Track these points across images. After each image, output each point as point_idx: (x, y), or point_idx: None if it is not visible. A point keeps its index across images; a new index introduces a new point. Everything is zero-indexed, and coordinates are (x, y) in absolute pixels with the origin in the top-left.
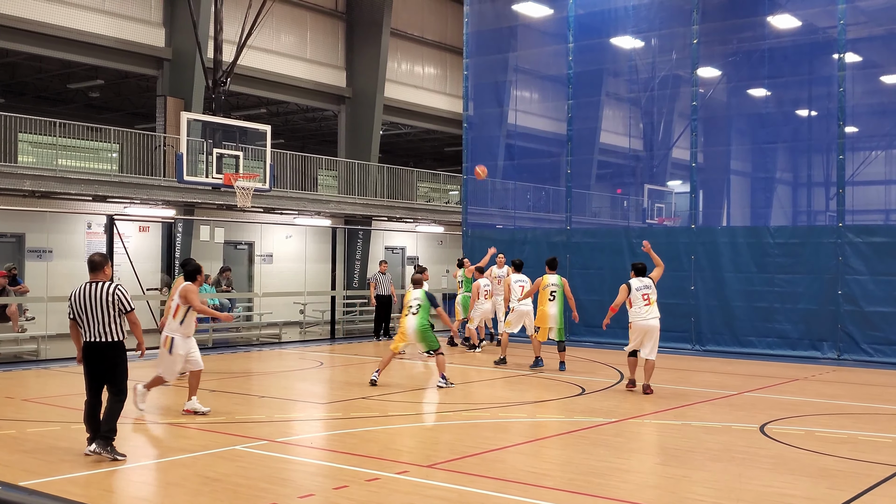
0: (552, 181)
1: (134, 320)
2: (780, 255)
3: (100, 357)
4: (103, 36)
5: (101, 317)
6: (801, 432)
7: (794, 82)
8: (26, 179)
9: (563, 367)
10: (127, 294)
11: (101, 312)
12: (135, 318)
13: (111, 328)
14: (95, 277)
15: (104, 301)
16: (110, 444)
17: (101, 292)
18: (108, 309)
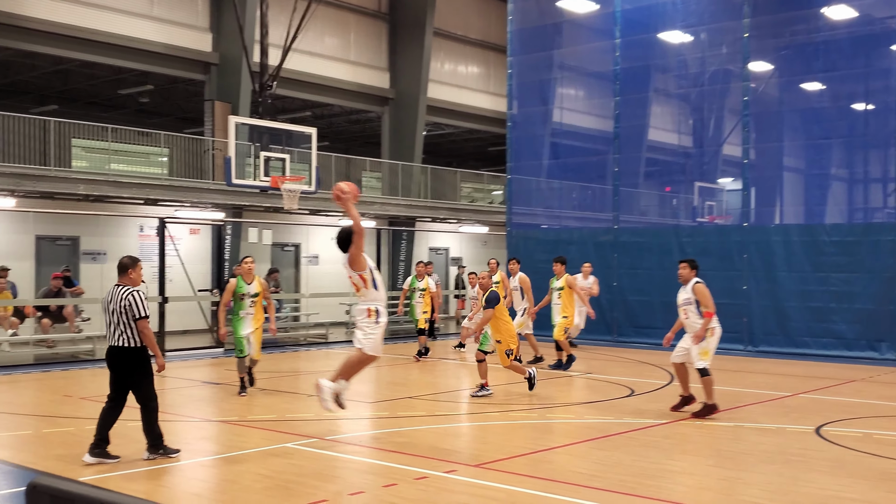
0: (598, 180)
1: (143, 328)
2: (836, 254)
3: (117, 363)
4: (152, 42)
5: (117, 321)
6: (858, 434)
7: (849, 76)
8: (80, 184)
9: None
10: (142, 300)
11: (118, 317)
12: (145, 326)
13: (126, 334)
14: (122, 280)
15: (119, 305)
16: (161, 448)
17: (119, 295)
18: (122, 314)
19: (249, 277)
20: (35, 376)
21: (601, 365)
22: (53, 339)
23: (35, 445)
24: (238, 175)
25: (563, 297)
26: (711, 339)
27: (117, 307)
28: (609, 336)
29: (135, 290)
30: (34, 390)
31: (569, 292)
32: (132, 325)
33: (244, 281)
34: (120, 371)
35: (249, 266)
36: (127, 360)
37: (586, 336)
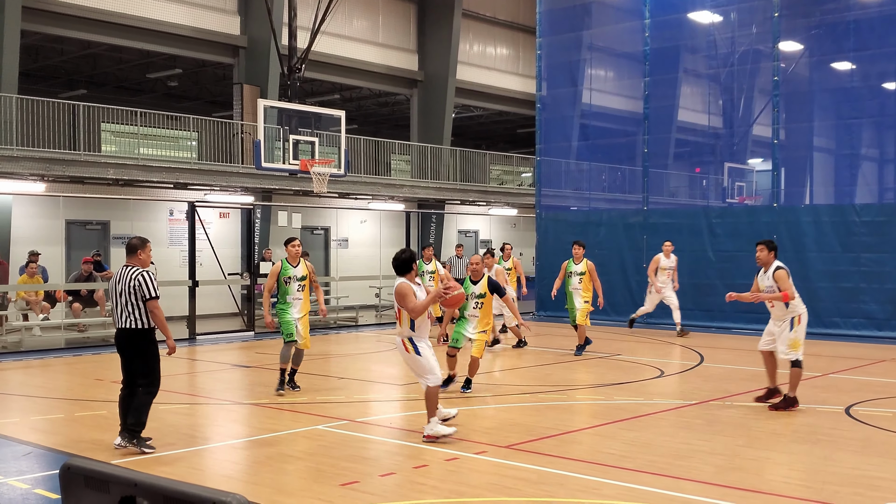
0: (628, 161)
1: (153, 309)
2: (867, 234)
3: (124, 345)
4: (180, 25)
5: (125, 302)
6: (888, 414)
7: (880, 55)
8: (110, 168)
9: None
10: (151, 281)
11: (126, 298)
12: (155, 306)
13: (134, 315)
14: (130, 261)
15: (127, 286)
16: (136, 437)
17: (126, 277)
18: (130, 295)
19: (295, 261)
20: (66, 360)
21: (630, 346)
22: (84, 323)
23: (68, 429)
24: (267, 158)
25: (584, 281)
26: (799, 328)
27: (125, 288)
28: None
29: (144, 270)
30: (66, 374)
31: (589, 277)
32: (140, 307)
33: (290, 264)
34: (127, 353)
35: (297, 249)
36: (133, 342)
37: (615, 318)
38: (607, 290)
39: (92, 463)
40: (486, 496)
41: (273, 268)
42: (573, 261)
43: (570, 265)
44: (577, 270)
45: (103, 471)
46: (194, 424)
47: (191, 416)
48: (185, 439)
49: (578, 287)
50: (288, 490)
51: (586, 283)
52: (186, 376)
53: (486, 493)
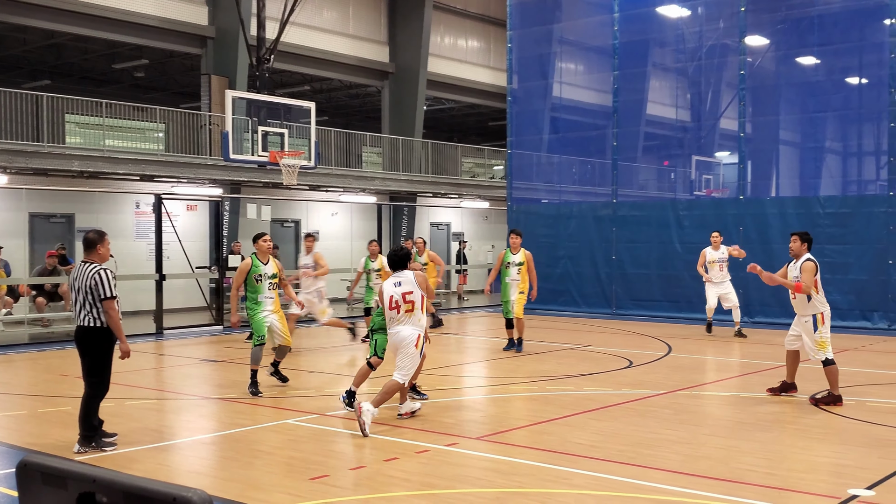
0: (598, 154)
1: (108, 309)
2: (830, 226)
3: (79, 342)
4: (147, 15)
5: (82, 300)
6: (852, 402)
7: (844, 49)
8: (74, 160)
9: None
10: (108, 280)
11: (84, 296)
12: (110, 307)
13: (92, 314)
14: (88, 257)
15: (85, 284)
16: (94, 440)
17: (84, 273)
18: (87, 293)
19: (266, 257)
20: (30, 356)
21: (600, 337)
22: (49, 318)
23: (31, 425)
24: (236, 150)
25: (521, 272)
26: (824, 328)
27: (83, 286)
28: (608, 309)
29: (101, 268)
30: (29, 370)
31: (526, 268)
32: (97, 306)
33: (260, 261)
34: (80, 351)
35: (268, 244)
36: (86, 341)
37: (586, 309)
38: (579, 283)
39: (49, 459)
40: (456, 488)
41: (243, 264)
42: (510, 251)
43: (508, 255)
44: (515, 261)
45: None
46: (162, 420)
47: (158, 411)
48: (152, 435)
49: (516, 278)
50: (257, 485)
51: (523, 275)
52: (154, 371)
53: (457, 484)
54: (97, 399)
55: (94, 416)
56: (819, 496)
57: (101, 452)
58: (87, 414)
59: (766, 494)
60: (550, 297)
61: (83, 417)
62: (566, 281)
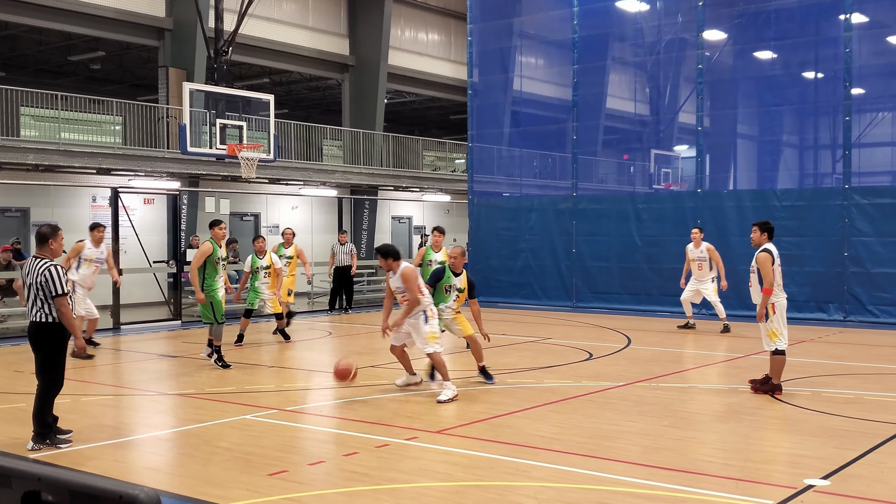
0: (558, 148)
1: (61, 306)
2: (787, 218)
3: (32, 338)
4: (104, 6)
5: (33, 296)
6: (807, 393)
7: (800, 44)
8: (29, 153)
9: None
10: (59, 276)
11: (34, 291)
12: (63, 304)
13: (44, 310)
14: (40, 252)
15: (37, 280)
16: (48, 437)
17: (35, 270)
18: (39, 290)
19: (221, 242)
20: None
21: (560, 330)
22: (3, 313)
23: None
24: (194, 143)
25: None
26: (775, 317)
27: (34, 282)
28: (569, 301)
29: (52, 264)
30: None
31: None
32: (49, 301)
33: (217, 245)
34: (39, 349)
35: (224, 232)
36: (38, 337)
37: (546, 302)
38: (540, 276)
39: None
40: (417, 482)
41: (203, 248)
42: (432, 249)
43: (429, 253)
44: (438, 259)
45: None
46: (119, 416)
47: (115, 407)
48: (108, 432)
49: None
50: (215, 481)
51: None
52: (111, 367)
53: (418, 478)
54: (51, 395)
55: (49, 412)
56: (776, 486)
57: (55, 449)
58: (41, 411)
59: (723, 485)
60: (511, 290)
61: (37, 414)
62: (527, 274)
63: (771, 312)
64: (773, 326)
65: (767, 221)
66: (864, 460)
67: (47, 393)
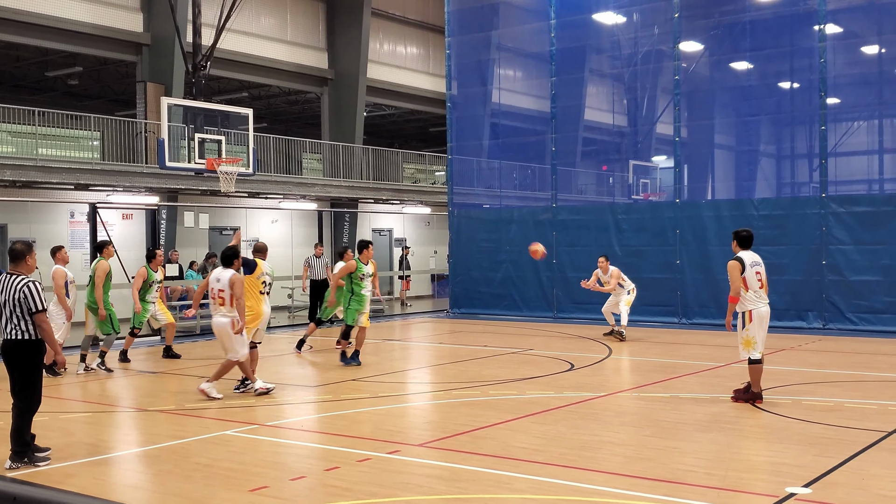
0: (538, 159)
1: (41, 323)
2: (765, 228)
3: (14, 358)
4: (81, 22)
5: (9, 313)
6: (788, 401)
7: (776, 54)
8: (6, 169)
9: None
10: (38, 292)
11: (11, 309)
12: (42, 320)
13: (20, 327)
14: (15, 269)
15: (12, 298)
16: (26, 455)
17: (12, 286)
18: (16, 306)
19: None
20: None
21: (542, 341)
22: None
23: None
24: (172, 158)
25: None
26: (751, 325)
27: (10, 299)
28: (549, 312)
29: (30, 280)
30: None
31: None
32: (27, 318)
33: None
34: (10, 366)
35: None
36: (18, 355)
37: (527, 314)
38: (521, 287)
39: None
40: (399, 496)
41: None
42: (360, 261)
43: (361, 268)
44: (368, 272)
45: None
46: (98, 433)
47: (94, 424)
48: (88, 449)
49: (370, 287)
50: (195, 498)
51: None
52: (90, 383)
53: (399, 492)
54: (29, 413)
55: (27, 431)
56: (758, 495)
57: (33, 468)
58: (19, 429)
59: (705, 495)
60: (492, 302)
61: (14, 433)
62: (508, 285)
63: (747, 321)
64: (748, 335)
65: (740, 230)
66: (845, 468)
67: (25, 411)
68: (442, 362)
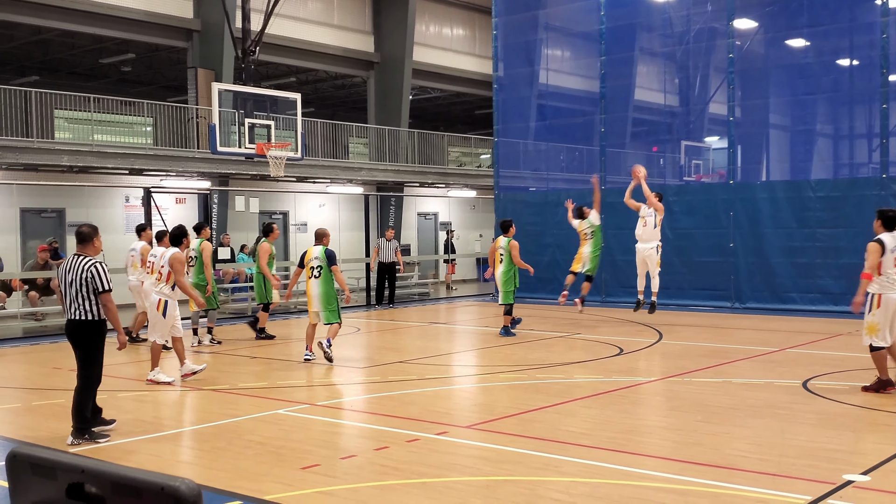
0: (585, 141)
1: (106, 302)
2: (822, 210)
3: (72, 335)
4: (133, 9)
5: (75, 293)
6: (845, 387)
7: (833, 31)
8: (64, 155)
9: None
10: (105, 273)
11: (76, 289)
12: (108, 300)
13: (84, 307)
14: (82, 250)
15: (79, 277)
16: (87, 432)
17: (78, 267)
18: (82, 286)
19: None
20: (23, 349)
21: (590, 325)
22: (41, 311)
23: (25, 418)
24: (223, 143)
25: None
26: (878, 311)
27: (76, 278)
28: (598, 296)
29: (97, 261)
30: (23, 363)
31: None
32: (92, 298)
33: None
34: (74, 345)
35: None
36: (80, 334)
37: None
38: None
39: (38, 450)
40: (447, 476)
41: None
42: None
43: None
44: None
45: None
46: (153, 412)
47: (149, 403)
48: (143, 426)
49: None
50: (248, 475)
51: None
52: (143, 364)
53: (448, 473)
54: (90, 391)
55: (87, 408)
56: (813, 482)
57: (94, 444)
58: (80, 406)
59: (758, 480)
60: (538, 286)
61: (76, 410)
62: (554, 269)
63: (875, 305)
64: (873, 320)
65: (886, 210)
66: None
67: (87, 388)
68: (488, 346)
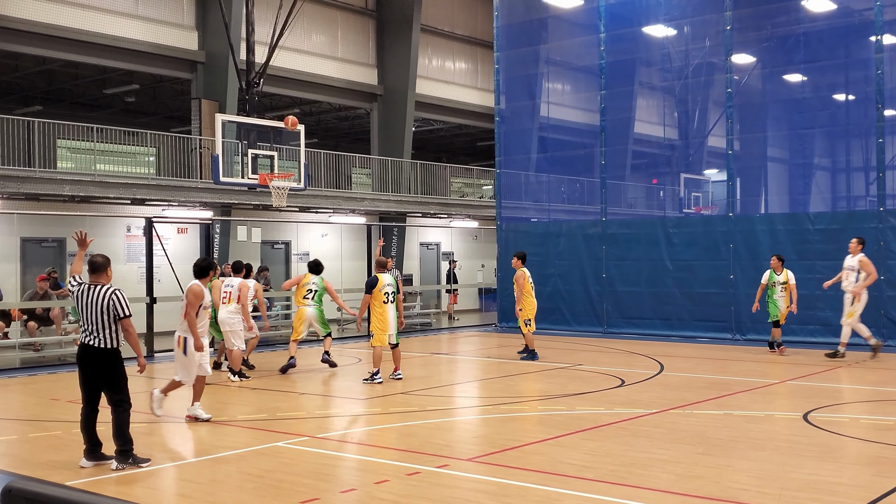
0: (586, 173)
1: (128, 328)
2: (821, 242)
3: (92, 363)
4: (137, 41)
5: (95, 320)
6: (845, 420)
7: (830, 66)
8: (66, 185)
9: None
10: (124, 299)
11: (97, 316)
12: (129, 325)
13: (103, 334)
14: (96, 280)
15: (101, 304)
16: (130, 457)
17: (98, 295)
18: (102, 313)
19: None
20: (21, 380)
21: (591, 356)
22: (40, 342)
23: (21, 450)
24: (226, 173)
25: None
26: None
27: (97, 307)
28: (599, 327)
29: (116, 288)
30: (20, 394)
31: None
32: (112, 326)
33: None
34: (93, 372)
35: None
36: (102, 361)
37: (577, 328)
38: (570, 301)
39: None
40: None
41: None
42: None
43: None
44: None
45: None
46: (152, 444)
47: (148, 434)
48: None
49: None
50: None
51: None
52: (144, 395)
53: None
54: (126, 414)
55: (127, 429)
56: None
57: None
58: (121, 429)
59: None
60: (541, 316)
61: (118, 433)
62: (556, 299)
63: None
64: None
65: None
66: None
67: (124, 412)
68: (490, 376)
